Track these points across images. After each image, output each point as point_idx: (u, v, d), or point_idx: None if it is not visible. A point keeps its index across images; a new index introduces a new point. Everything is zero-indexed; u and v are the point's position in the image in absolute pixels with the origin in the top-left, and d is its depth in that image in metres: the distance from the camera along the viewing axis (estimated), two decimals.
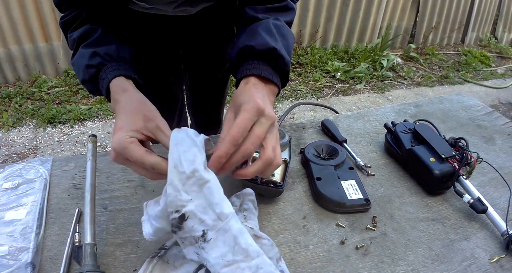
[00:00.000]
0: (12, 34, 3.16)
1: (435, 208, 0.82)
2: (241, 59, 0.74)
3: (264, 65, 0.72)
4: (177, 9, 0.85)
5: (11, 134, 2.84)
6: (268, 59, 0.72)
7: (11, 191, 0.83)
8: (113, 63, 0.75)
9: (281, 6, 0.85)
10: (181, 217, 0.57)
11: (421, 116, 1.15)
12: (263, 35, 0.73)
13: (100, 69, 0.74)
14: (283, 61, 0.73)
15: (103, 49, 0.75)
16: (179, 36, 1.11)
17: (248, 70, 0.71)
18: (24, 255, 0.68)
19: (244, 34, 0.76)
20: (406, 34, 4.68)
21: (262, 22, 0.78)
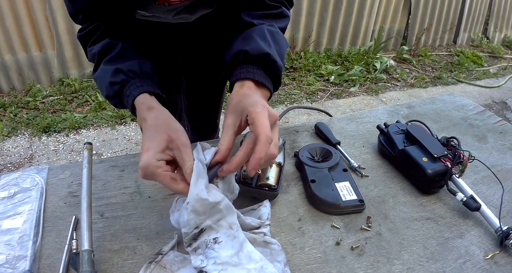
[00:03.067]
0: (6, 43, 3.16)
1: (429, 207, 0.83)
2: (236, 62, 0.76)
3: (258, 70, 0.73)
4: (176, 17, 0.87)
5: (6, 143, 2.83)
6: (262, 64, 0.74)
7: (8, 200, 0.83)
8: (136, 80, 0.75)
9: (276, 13, 0.87)
10: (199, 232, 0.64)
11: (413, 116, 1.16)
12: (257, 41, 0.75)
13: (124, 86, 0.75)
14: (276, 66, 0.75)
15: (126, 65, 0.76)
16: (178, 43, 1.12)
17: (242, 74, 0.73)
18: (21, 263, 0.68)
19: (239, 39, 0.78)
20: (398, 36, 4.71)
21: (257, 28, 0.80)
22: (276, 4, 0.88)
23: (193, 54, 1.20)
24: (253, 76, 0.72)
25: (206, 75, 1.33)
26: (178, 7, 0.86)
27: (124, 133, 2.98)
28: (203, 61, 1.24)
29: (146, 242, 0.73)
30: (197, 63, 1.25)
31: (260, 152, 0.61)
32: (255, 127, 0.62)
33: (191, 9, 0.89)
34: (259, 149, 0.61)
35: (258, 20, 0.83)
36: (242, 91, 0.70)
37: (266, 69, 0.75)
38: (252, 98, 0.67)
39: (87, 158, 0.80)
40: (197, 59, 1.23)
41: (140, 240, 0.73)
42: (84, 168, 0.78)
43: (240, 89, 0.71)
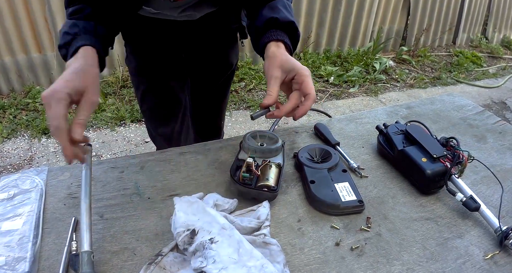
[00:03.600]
0: (6, 45, 3.16)
1: (428, 207, 0.83)
2: (267, 27, 0.87)
3: (285, 35, 0.87)
4: (182, 14, 0.93)
5: (5, 145, 2.83)
6: (288, 30, 0.88)
7: (7, 201, 0.83)
8: (86, 35, 0.81)
9: None
10: (192, 232, 0.66)
11: (413, 117, 1.16)
12: (283, 11, 0.89)
13: (75, 38, 0.81)
14: (298, 33, 0.90)
15: (83, 23, 0.83)
16: (183, 40, 1.15)
17: (279, 35, 0.86)
18: (21, 265, 0.68)
19: (267, 8, 0.90)
20: (397, 37, 4.72)
21: (279, 1, 0.91)
22: None
23: (198, 52, 1.22)
24: (283, 39, 0.86)
25: (210, 74, 1.35)
26: (183, 5, 0.91)
27: (124, 135, 2.98)
28: (207, 59, 1.26)
29: (145, 243, 0.73)
30: (202, 61, 1.26)
31: (308, 106, 0.79)
32: (306, 87, 0.79)
33: (196, 6, 0.94)
34: (308, 104, 0.79)
35: None
36: (282, 51, 0.83)
37: (290, 35, 0.88)
38: (294, 60, 0.82)
39: (87, 159, 0.80)
40: (201, 57, 1.25)
41: (140, 241, 0.73)
42: (84, 169, 0.77)
43: (278, 49, 0.84)
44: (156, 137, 1.41)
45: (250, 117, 0.76)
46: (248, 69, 3.83)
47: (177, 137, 1.35)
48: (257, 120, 3.23)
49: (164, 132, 1.35)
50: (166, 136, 1.36)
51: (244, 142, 0.89)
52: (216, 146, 1.02)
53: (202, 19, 1.01)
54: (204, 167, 0.94)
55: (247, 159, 0.82)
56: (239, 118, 3.24)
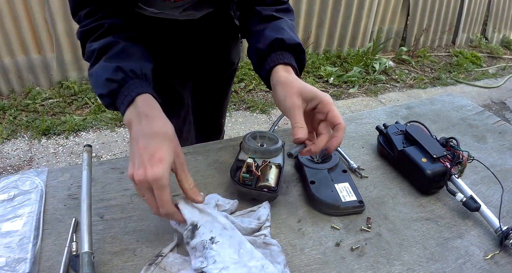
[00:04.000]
0: (5, 46, 3.16)
1: (428, 207, 0.83)
2: (272, 49, 0.82)
3: (292, 57, 0.82)
4: (183, 13, 0.92)
5: (5, 146, 2.82)
6: (295, 52, 0.83)
7: (7, 202, 0.83)
8: (137, 80, 0.74)
9: (285, 8, 0.93)
10: (194, 227, 0.67)
11: (413, 117, 1.16)
12: (288, 32, 0.84)
13: (123, 85, 0.73)
14: (304, 55, 0.85)
15: (128, 64, 0.74)
16: (185, 39, 1.15)
17: (286, 59, 0.80)
18: (21, 266, 0.68)
19: (270, 29, 0.85)
20: (397, 37, 4.72)
21: (283, 20, 0.87)
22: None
23: (199, 50, 1.22)
24: (291, 62, 0.80)
25: (212, 73, 1.35)
26: (183, 4, 0.91)
27: (124, 136, 2.98)
28: (209, 57, 1.27)
29: (146, 244, 0.73)
30: (203, 59, 1.27)
31: (341, 137, 0.72)
32: (333, 117, 0.72)
33: (196, 6, 0.94)
34: (341, 135, 0.72)
35: (274, 13, 0.89)
36: (294, 76, 0.78)
37: (296, 57, 0.83)
38: (312, 86, 0.75)
39: (87, 160, 0.80)
40: (203, 56, 1.25)
41: (140, 242, 0.73)
42: (84, 170, 0.77)
43: (289, 74, 0.78)
44: None
45: (288, 155, 0.71)
46: (248, 69, 3.83)
47: (179, 134, 1.35)
48: (256, 120, 3.23)
49: None
50: None
51: (244, 142, 0.89)
52: (216, 146, 1.02)
53: (203, 18, 1.01)
54: (204, 168, 0.94)
55: (247, 160, 0.82)
56: (239, 119, 3.24)
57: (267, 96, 3.61)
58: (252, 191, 0.79)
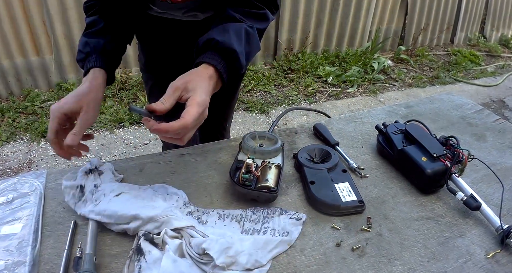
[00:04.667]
0: (4, 48, 3.16)
1: (429, 206, 0.83)
2: (206, 47, 0.83)
3: (222, 61, 0.81)
4: (186, 14, 0.95)
5: (4, 149, 2.82)
6: (227, 57, 0.82)
7: (6, 205, 0.83)
8: (96, 56, 0.91)
9: (259, 13, 0.91)
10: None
11: (412, 116, 1.16)
12: (231, 36, 0.83)
13: (86, 57, 0.92)
14: (239, 64, 0.84)
15: (94, 41, 0.92)
16: (188, 39, 1.15)
17: (211, 59, 0.80)
18: (21, 269, 0.68)
19: (218, 29, 0.85)
20: (395, 37, 4.72)
21: (237, 24, 0.86)
22: (261, 5, 0.92)
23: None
24: (217, 64, 0.80)
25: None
26: (185, 6, 0.94)
27: (123, 137, 2.98)
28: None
29: None
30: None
31: (172, 126, 0.69)
32: (186, 111, 0.71)
33: (199, 8, 0.95)
34: (174, 124, 0.70)
35: (241, 16, 0.88)
36: (204, 74, 0.78)
37: (228, 63, 0.82)
38: (205, 87, 0.76)
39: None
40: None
41: None
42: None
43: (204, 70, 0.79)
44: None
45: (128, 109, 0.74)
46: (247, 70, 3.83)
47: None
48: (255, 120, 3.22)
49: None
50: None
51: (243, 143, 0.89)
52: (215, 147, 1.02)
53: (207, 20, 1.02)
54: (203, 169, 0.93)
55: (247, 160, 0.81)
56: (238, 119, 3.24)
57: (266, 96, 3.61)
58: (252, 192, 0.79)
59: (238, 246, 0.67)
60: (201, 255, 0.65)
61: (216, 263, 0.62)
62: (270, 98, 3.58)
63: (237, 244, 0.67)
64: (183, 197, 0.83)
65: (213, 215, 0.79)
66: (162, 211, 0.73)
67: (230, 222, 0.77)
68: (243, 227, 0.76)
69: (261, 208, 0.80)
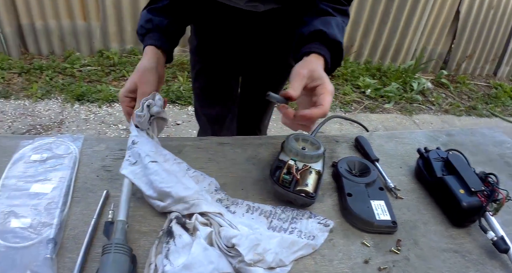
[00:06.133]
0: (52, 8, 3.21)
1: (458, 240, 0.81)
2: (312, 38, 0.85)
3: (328, 53, 0.84)
4: (248, 4, 0.94)
5: (38, 105, 2.87)
6: (333, 49, 0.85)
7: (39, 164, 0.83)
8: (157, 34, 0.94)
9: (344, 10, 0.94)
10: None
11: (452, 145, 1.13)
12: (335, 29, 0.86)
13: (148, 33, 0.94)
14: (342, 56, 0.87)
15: (157, 19, 0.94)
16: (244, 29, 1.16)
17: (321, 50, 0.83)
18: (46, 230, 0.67)
19: (319, 21, 0.87)
20: (439, 59, 4.64)
21: (335, 18, 0.89)
22: (345, 1, 0.95)
23: (257, 45, 1.23)
24: (326, 55, 0.83)
25: (264, 71, 1.35)
26: None
27: None
28: (264, 55, 1.27)
29: None
30: (259, 55, 1.27)
31: (315, 113, 0.72)
32: (323, 99, 0.74)
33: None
34: (316, 111, 0.72)
35: (333, 11, 0.91)
36: (320, 64, 0.81)
37: (333, 55, 0.85)
38: (324, 75, 0.78)
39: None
40: (259, 52, 1.26)
41: None
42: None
43: (317, 60, 0.81)
44: (200, 117, 1.43)
45: (266, 95, 0.75)
46: None
47: (221, 121, 1.36)
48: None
49: (209, 113, 1.38)
50: (209, 117, 1.39)
51: (286, 143, 0.88)
52: (256, 142, 1.02)
53: (266, 13, 1.01)
54: (242, 161, 0.93)
55: (289, 161, 0.81)
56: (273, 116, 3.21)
57: None
58: (290, 194, 0.78)
59: (266, 244, 0.67)
60: (229, 248, 0.65)
61: (244, 259, 0.62)
62: None
63: (265, 242, 0.67)
64: (215, 183, 0.83)
65: (242, 207, 0.79)
66: (193, 193, 0.73)
67: (258, 216, 0.78)
68: (270, 224, 0.76)
69: (291, 208, 0.80)
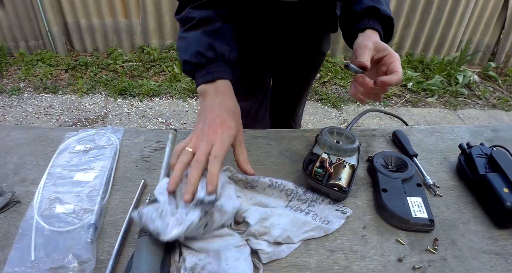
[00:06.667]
0: (95, 8, 3.33)
1: (500, 242, 0.77)
2: (366, 14, 0.87)
3: (381, 28, 0.86)
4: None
5: (83, 100, 3.00)
6: (385, 24, 0.87)
7: (83, 154, 0.88)
8: (222, 64, 0.83)
9: None
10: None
11: (497, 141, 1.08)
12: (385, 5, 0.88)
13: (210, 63, 0.81)
14: (392, 31, 0.90)
15: (220, 45, 0.82)
16: (279, 21, 1.15)
17: (376, 26, 0.85)
18: (88, 216, 0.72)
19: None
20: (487, 51, 4.42)
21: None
22: None
23: (292, 35, 1.22)
24: (380, 31, 0.85)
25: (299, 61, 1.34)
26: None
27: (194, 107, 3.05)
28: (299, 44, 1.26)
29: None
30: (293, 45, 1.27)
31: (394, 79, 0.74)
32: (394, 66, 0.76)
33: None
34: (394, 78, 0.74)
35: None
36: (377, 37, 0.83)
37: (385, 30, 0.87)
38: (389, 47, 0.80)
39: (171, 140, 0.87)
40: (294, 41, 1.25)
41: None
42: (167, 147, 0.85)
43: (374, 35, 0.83)
44: None
45: (345, 66, 0.76)
46: (326, 61, 3.77)
47: (254, 115, 1.36)
48: (326, 113, 3.17)
49: (242, 107, 1.37)
50: (243, 110, 1.38)
51: (320, 136, 0.87)
52: (290, 135, 1.01)
53: (302, 2, 1.00)
54: (275, 154, 0.93)
55: (322, 155, 0.80)
56: (309, 110, 3.21)
57: (341, 91, 3.54)
58: (323, 188, 0.77)
59: (274, 219, 0.69)
60: (239, 225, 0.69)
61: (250, 230, 0.65)
62: (345, 93, 3.50)
63: (274, 217, 0.70)
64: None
65: (263, 182, 0.79)
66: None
67: (280, 193, 0.79)
68: (289, 202, 0.78)
69: (312, 191, 0.81)
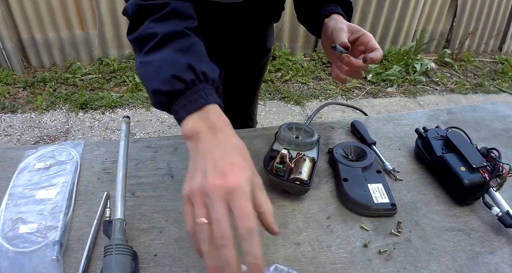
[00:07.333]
0: (50, 21, 3.25)
1: (462, 218, 0.80)
2: (328, 1, 0.94)
3: (342, 12, 0.93)
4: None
5: (44, 117, 2.92)
6: (345, 8, 0.95)
7: (43, 171, 0.86)
8: (207, 86, 0.63)
9: None
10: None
11: (453, 123, 1.12)
12: None
13: (190, 88, 0.61)
14: (351, 14, 0.97)
15: (199, 65, 0.63)
16: (226, 23, 1.14)
17: (339, 10, 0.92)
18: (52, 233, 0.70)
19: None
20: (441, 39, 4.58)
21: None
22: None
23: (237, 35, 1.21)
24: (343, 15, 0.92)
25: (247, 60, 1.34)
26: None
27: (158, 115, 3.03)
28: (245, 43, 1.26)
29: (174, 224, 0.73)
30: (240, 45, 1.26)
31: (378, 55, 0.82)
32: (373, 45, 0.84)
33: None
34: (378, 53, 0.82)
35: None
36: (342, 20, 0.89)
37: (347, 14, 0.95)
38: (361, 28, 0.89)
39: (125, 131, 0.82)
40: (240, 41, 1.24)
41: (168, 221, 0.74)
42: (122, 140, 0.79)
43: (341, 19, 0.90)
44: None
45: (331, 47, 0.82)
46: (286, 59, 3.81)
47: None
48: (289, 111, 3.21)
49: None
50: None
51: (279, 133, 0.88)
52: (250, 134, 1.02)
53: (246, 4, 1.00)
54: None
55: (282, 151, 0.81)
56: (273, 108, 3.23)
57: (303, 88, 3.58)
58: (284, 183, 0.78)
59: None
60: None
61: None
62: (307, 90, 3.55)
63: None
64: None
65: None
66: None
67: None
68: None
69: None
